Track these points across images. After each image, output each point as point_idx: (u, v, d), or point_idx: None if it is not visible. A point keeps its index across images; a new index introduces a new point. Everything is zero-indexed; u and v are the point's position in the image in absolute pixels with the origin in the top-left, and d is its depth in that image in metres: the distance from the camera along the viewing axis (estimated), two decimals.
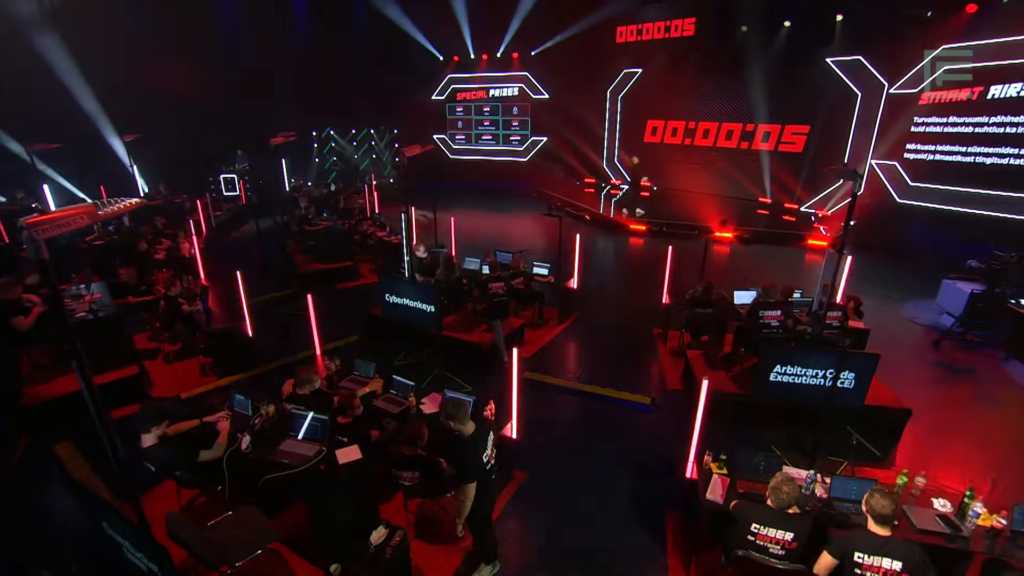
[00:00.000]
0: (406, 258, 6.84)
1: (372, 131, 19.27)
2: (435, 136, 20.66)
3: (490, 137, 20.38)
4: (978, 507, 3.22)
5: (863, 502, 2.81)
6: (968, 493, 3.30)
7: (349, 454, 3.41)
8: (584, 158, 19.09)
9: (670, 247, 7.41)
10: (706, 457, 3.74)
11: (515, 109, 19.65)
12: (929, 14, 10.64)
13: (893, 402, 5.03)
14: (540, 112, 19.29)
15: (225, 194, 15.27)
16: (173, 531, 2.85)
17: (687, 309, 6.54)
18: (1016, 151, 9.65)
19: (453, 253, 8.65)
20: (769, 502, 3.04)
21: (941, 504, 3.37)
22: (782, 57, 13.78)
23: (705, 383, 3.71)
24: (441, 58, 19.15)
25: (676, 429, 5.35)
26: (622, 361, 6.83)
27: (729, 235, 12.90)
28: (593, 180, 19.05)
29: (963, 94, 10.40)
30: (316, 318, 5.82)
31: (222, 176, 14.70)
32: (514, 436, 4.40)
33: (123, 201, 2.69)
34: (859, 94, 12.95)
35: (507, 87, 19.34)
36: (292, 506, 3.54)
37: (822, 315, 4.60)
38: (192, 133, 14.34)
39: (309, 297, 5.52)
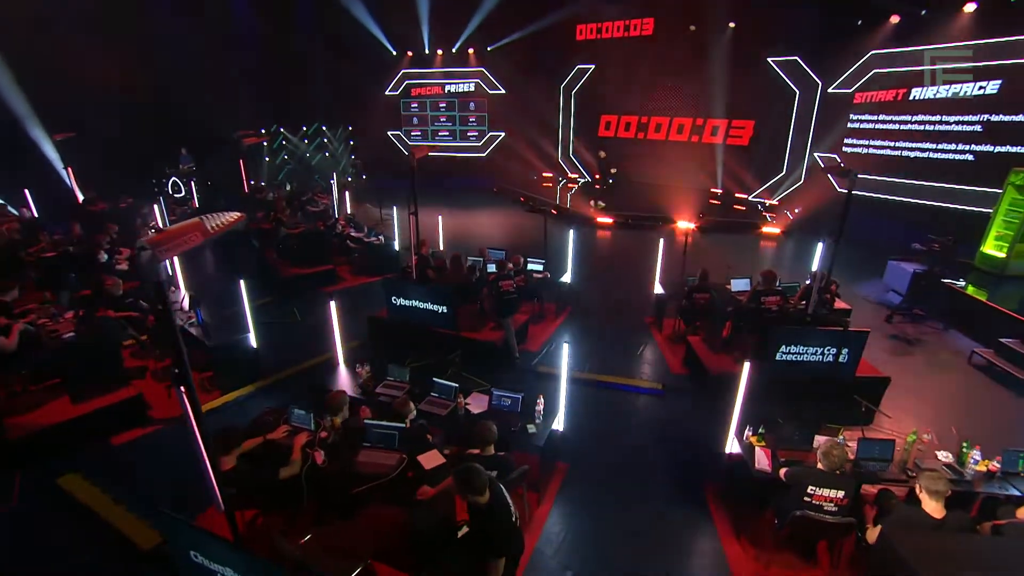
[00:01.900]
0: (414, 259, 6.82)
1: (324, 128, 18.54)
2: (390, 132, 20.23)
3: (447, 133, 20.21)
4: (976, 455, 3.82)
5: (917, 482, 3.18)
6: (966, 444, 3.90)
7: (432, 459, 3.47)
8: (541, 152, 19.42)
9: (661, 240, 7.85)
10: (747, 432, 4.13)
11: (472, 105, 19.61)
12: (859, 23, 11.82)
13: (874, 372, 5.71)
14: (497, 108, 19.37)
15: (173, 196, 14.21)
16: (283, 552, 2.81)
17: (684, 297, 7.00)
18: (934, 146, 11.00)
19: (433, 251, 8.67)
20: (820, 465, 3.45)
21: (944, 455, 3.96)
22: (728, 56, 14.71)
23: (747, 365, 4.09)
24: (395, 52, 18.73)
25: (691, 411, 5.79)
26: (622, 350, 7.18)
27: (691, 226, 13.69)
28: (551, 174, 19.44)
29: (889, 95, 11.68)
30: (339, 323, 5.67)
31: (172, 179, 13.61)
32: (561, 428, 4.60)
33: (226, 215, 2.59)
34: (797, 92, 14.13)
35: (463, 83, 19.25)
36: (368, 517, 3.53)
37: (825, 298, 5.15)
38: (131, 132, 13.20)
39: (332, 303, 5.38)
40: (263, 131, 16.66)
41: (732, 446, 4.23)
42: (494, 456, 3.62)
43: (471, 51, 18.49)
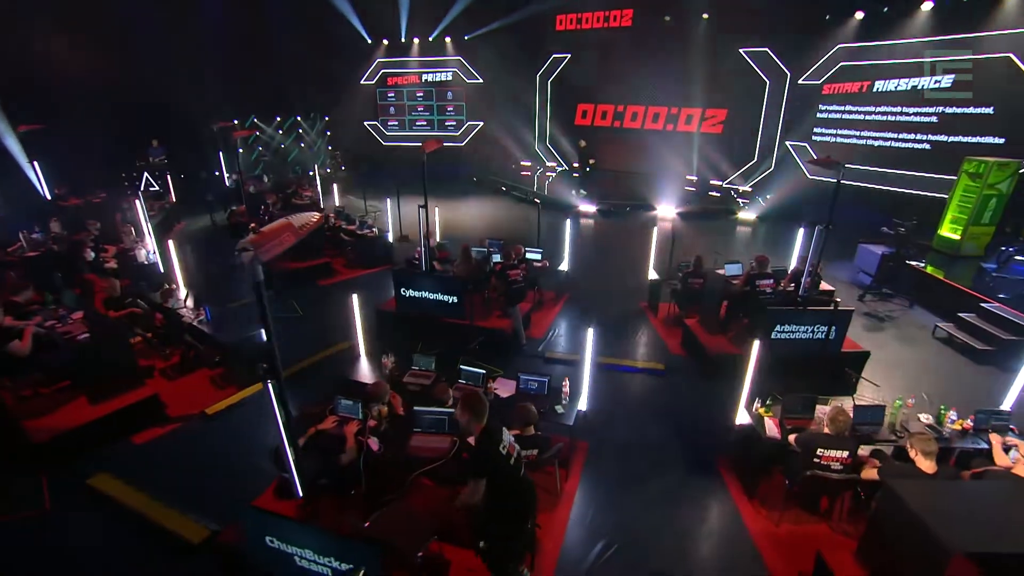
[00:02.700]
0: (419, 251, 6.95)
1: (299, 118, 18.11)
2: (367, 123, 19.95)
3: (425, 123, 20.08)
4: (953, 415, 4.34)
5: (909, 445, 3.61)
6: (943, 407, 4.42)
7: None
8: (520, 141, 19.55)
9: (655, 228, 8.23)
10: (756, 404, 4.54)
11: (449, 94, 19.53)
12: (827, 17, 12.44)
13: (855, 347, 6.25)
14: (475, 97, 19.35)
15: (148, 190, 13.70)
16: (355, 531, 3.01)
17: (679, 282, 7.40)
18: (896, 135, 11.78)
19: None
20: (827, 430, 3.87)
21: (925, 417, 4.47)
22: (702, 46, 15.18)
23: (756, 344, 4.48)
24: (370, 41, 18.42)
25: (694, 388, 6.21)
26: (621, 334, 7.54)
27: (672, 212, 14.21)
28: (529, 163, 19.62)
29: (855, 87, 12.39)
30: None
31: (144, 172, 13.12)
32: (584, 408, 4.91)
33: (309, 215, 2.71)
34: (768, 82, 14.74)
35: (441, 72, 19.13)
36: (426, 498, 3.73)
37: (818, 281, 5.61)
38: (99, 123, 12.61)
39: (355, 297, 5.48)
40: (235, 121, 16.14)
41: (742, 417, 4.63)
42: (535, 436, 3.90)
43: (448, 40, 18.37)
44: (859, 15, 11.94)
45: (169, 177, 13.18)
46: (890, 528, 3.29)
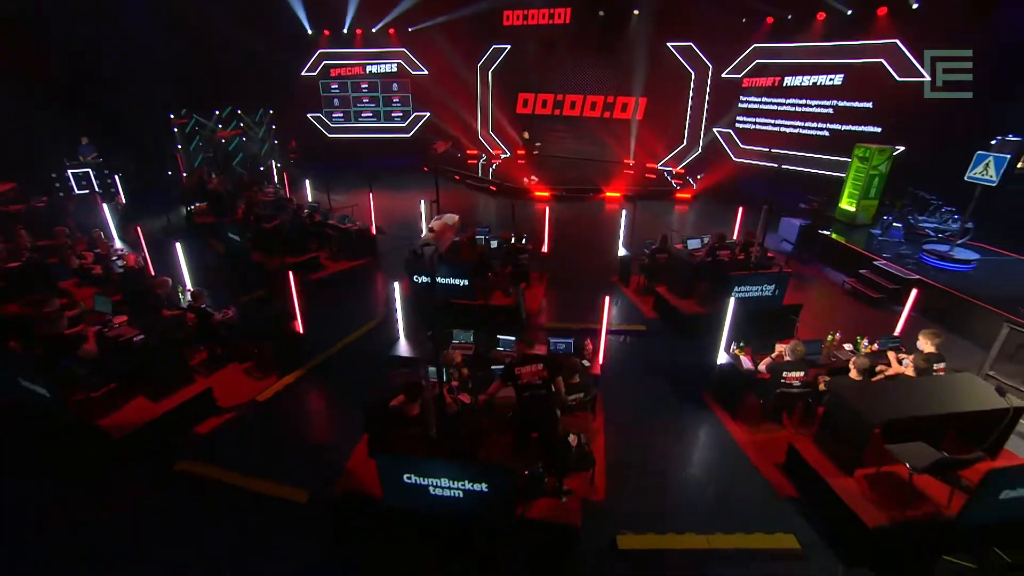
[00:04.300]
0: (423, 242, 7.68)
1: (240, 112, 17.42)
2: (310, 115, 19.60)
3: (370, 114, 20.08)
4: (864, 343, 5.95)
5: (851, 362, 5.11)
6: (859, 337, 6.03)
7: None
8: (466, 130, 20.18)
9: (623, 211, 9.46)
10: (732, 346, 5.90)
11: (395, 85, 19.67)
12: (744, 20, 14.27)
13: (790, 301, 7.87)
14: (420, 88, 19.65)
15: (76, 192, 12.87)
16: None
17: (647, 257, 8.71)
18: (803, 124, 13.92)
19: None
20: (787, 358, 5.27)
21: (848, 347, 6.06)
22: (633, 40, 16.65)
23: (732, 300, 5.79)
24: (311, 32, 18.06)
25: (672, 343, 7.54)
26: (599, 303, 8.72)
27: (617, 195, 15.65)
28: (476, 152, 20.34)
29: (769, 81, 14.38)
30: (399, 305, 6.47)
31: (82, 170, 12.36)
32: (602, 363, 6.03)
33: (452, 216, 3.46)
34: (692, 74, 16.53)
35: (385, 63, 19.19)
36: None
37: (765, 250, 7.06)
38: (26, 117, 11.70)
39: (396, 285, 6.14)
40: (172, 116, 15.34)
41: (722, 358, 5.98)
42: (580, 383, 4.95)
43: (392, 32, 18.46)
44: (770, 20, 13.87)
45: (118, 178, 12.51)
46: (835, 417, 4.72)
